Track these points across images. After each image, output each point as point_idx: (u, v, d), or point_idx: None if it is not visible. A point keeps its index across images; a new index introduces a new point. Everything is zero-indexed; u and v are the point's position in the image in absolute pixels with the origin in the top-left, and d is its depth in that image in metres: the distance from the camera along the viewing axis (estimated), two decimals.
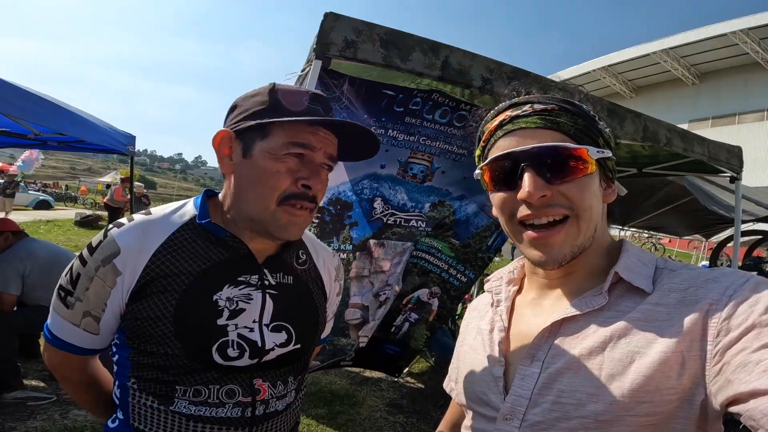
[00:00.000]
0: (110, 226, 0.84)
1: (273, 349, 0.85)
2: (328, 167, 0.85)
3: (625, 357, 0.60)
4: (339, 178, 2.53)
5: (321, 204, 2.47)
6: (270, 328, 0.86)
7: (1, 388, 2.91)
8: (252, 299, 0.84)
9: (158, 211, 0.86)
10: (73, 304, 0.81)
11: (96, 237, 0.83)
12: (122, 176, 10.73)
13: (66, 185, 43.11)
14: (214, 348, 0.79)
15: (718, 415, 0.57)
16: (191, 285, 0.80)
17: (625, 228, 7.24)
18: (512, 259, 0.90)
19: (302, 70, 2.21)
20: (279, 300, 0.88)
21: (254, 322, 0.84)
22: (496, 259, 10.05)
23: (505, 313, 0.79)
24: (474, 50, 2.22)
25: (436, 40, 2.14)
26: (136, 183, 9.97)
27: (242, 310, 0.83)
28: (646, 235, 15.25)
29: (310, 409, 3.32)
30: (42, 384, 3.21)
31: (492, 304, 0.82)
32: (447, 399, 0.98)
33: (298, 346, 0.89)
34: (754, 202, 4.40)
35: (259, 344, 0.83)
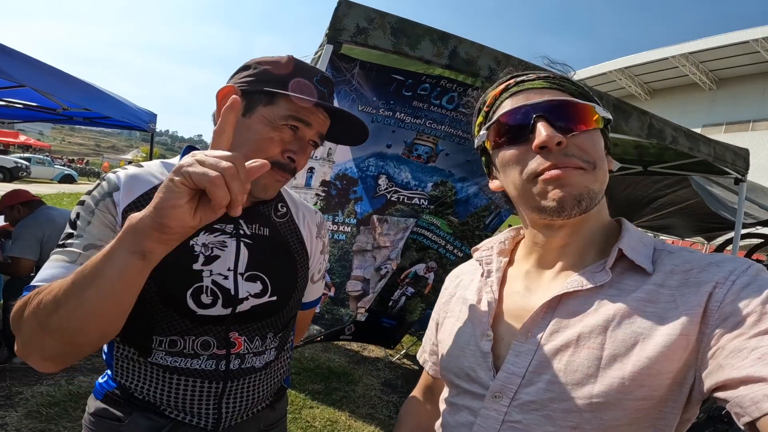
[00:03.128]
0: (104, 175, 0.84)
1: (247, 298, 0.84)
2: (315, 144, 0.87)
3: (629, 338, 0.57)
4: (345, 156, 2.57)
5: (327, 179, 2.53)
6: (245, 277, 0.85)
7: (11, 353, 2.89)
8: (226, 246, 0.84)
9: (149, 163, 0.88)
10: (72, 243, 0.74)
11: (93, 186, 0.83)
12: (145, 154, 10.78)
13: (87, 161, 43.68)
14: (188, 293, 0.79)
15: (701, 400, 0.56)
16: None
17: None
18: None
19: (315, 53, 2.23)
20: (254, 250, 0.87)
21: (229, 270, 0.83)
22: None
23: (496, 284, 0.73)
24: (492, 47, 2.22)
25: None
26: None
27: (217, 257, 0.83)
28: (650, 234, 15.11)
29: (307, 384, 3.34)
30: None
31: (482, 275, 0.77)
32: None
33: (274, 298, 0.88)
34: (758, 205, 4.33)
35: (233, 292, 0.83)
